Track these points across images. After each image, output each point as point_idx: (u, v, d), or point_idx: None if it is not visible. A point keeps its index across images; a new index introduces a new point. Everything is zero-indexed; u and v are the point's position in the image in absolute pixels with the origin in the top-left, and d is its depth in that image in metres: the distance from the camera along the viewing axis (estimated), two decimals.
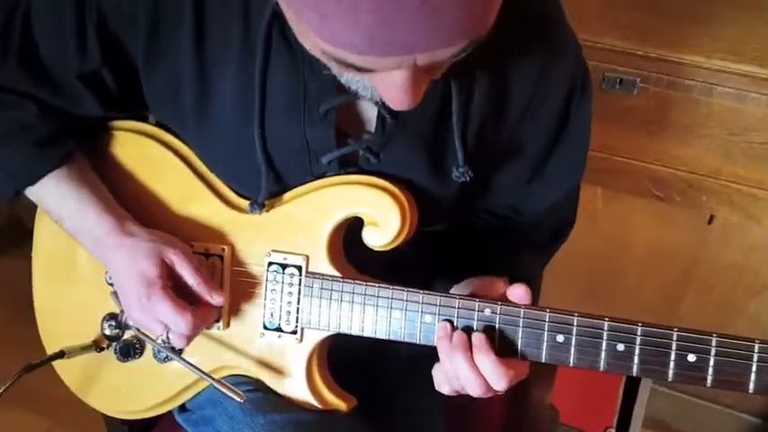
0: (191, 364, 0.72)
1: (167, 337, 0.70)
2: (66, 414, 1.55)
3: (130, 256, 0.68)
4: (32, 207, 0.79)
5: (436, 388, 0.68)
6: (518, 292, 0.64)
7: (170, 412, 0.82)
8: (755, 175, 1.08)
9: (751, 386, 0.57)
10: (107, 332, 0.78)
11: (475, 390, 0.64)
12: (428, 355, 0.85)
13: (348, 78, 0.56)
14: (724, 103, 1.03)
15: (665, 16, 1.09)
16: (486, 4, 0.44)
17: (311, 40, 0.47)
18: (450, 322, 0.66)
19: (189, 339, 0.70)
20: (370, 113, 0.67)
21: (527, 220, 0.79)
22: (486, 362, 0.62)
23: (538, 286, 0.89)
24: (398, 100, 0.49)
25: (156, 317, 0.68)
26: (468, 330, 0.65)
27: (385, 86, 0.49)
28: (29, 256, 2.01)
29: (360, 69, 0.47)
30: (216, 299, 0.70)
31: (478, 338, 0.63)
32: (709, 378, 0.58)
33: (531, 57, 0.66)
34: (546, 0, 0.67)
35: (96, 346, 0.78)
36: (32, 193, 0.73)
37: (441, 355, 0.66)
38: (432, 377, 0.85)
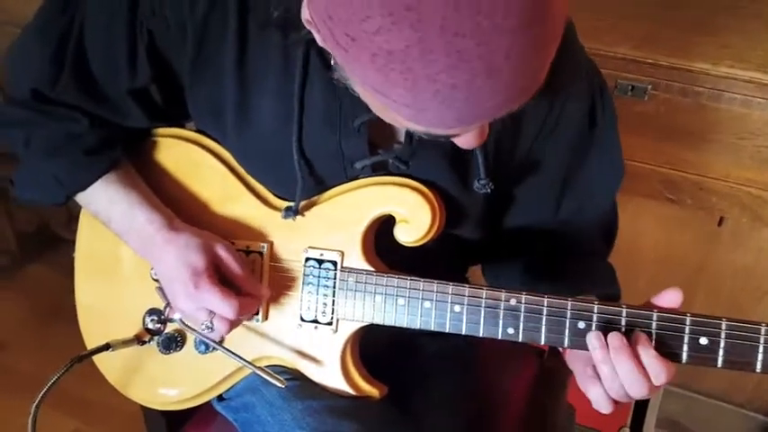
0: (233, 353, 0.76)
1: (211, 323, 0.72)
2: (94, 415, 1.58)
3: (180, 249, 0.72)
4: (60, 213, 0.83)
5: (595, 407, 0.67)
6: (669, 297, 0.65)
7: (206, 403, 0.86)
8: (763, 177, 1.11)
9: (758, 366, 0.62)
10: (149, 326, 0.82)
11: (639, 388, 0.63)
12: (453, 349, 0.90)
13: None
14: (731, 108, 1.07)
15: (675, 26, 1.13)
16: (549, 61, 0.49)
17: (398, 121, 0.53)
18: (603, 332, 0.65)
19: (232, 326, 0.74)
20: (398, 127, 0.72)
21: (577, 230, 0.81)
22: (648, 356, 0.62)
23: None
24: (470, 144, 0.57)
25: (203, 304, 0.72)
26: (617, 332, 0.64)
27: (459, 140, 0.56)
28: (56, 263, 2.06)
29: (446, 137, 0.54)
30: (262, 291, 0.75)
31: (639, 336, 0.64)
32: (720, 359, 0.63)
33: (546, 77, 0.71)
34: None
35: (138, 339, 0.82)
36: (82, 197, 0.77)
37: (600, 364, 0.64)
38: (456, 370, 0.90)
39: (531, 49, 0.45)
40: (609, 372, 0.63)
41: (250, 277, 0.75)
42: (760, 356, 0.62)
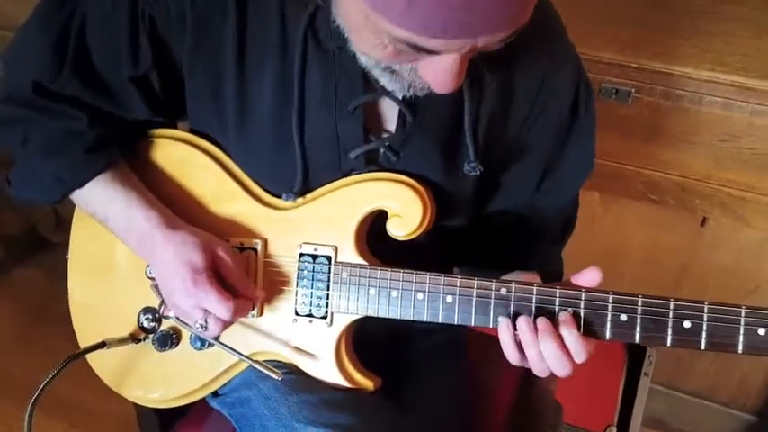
0: (230, 347, 0.77)
1: (206, 322, 0.74)
2: (84, 417, 1.58)
3: (178, 246, 0.73)
4: (48, 216, 0.83)
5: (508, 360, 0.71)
6: (589, 276, 0.69)
7: (200, 401, 0.86)
8: (744, 178, 1.14)
9: (740, 347, 0.64)
10: (144, 324, 0.83)
11: (563, 368, 0.68)
12: (445, 343, 0.92)
13: (390, 69, 0.61)
14: (712, 111, 1.10)
15: (657, 31, 1.16)
16: None
17: (376, 34, 0.53)
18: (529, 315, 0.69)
19: (225, 326, 0.75)
20: (391, 113, 0.74)
21: (543, 217, 0.85)
22: (571, 336, 0.67)
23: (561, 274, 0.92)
24: (446, 83, 0.56)
25: (199, 303, 0.73)
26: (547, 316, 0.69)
27: (434, 72, 0.56)
28: (43, 266, 2.05)
29: (429, 52, 0.54)
30: (257, 293, 0.76)
31: (565, 317, 0.68)
32: (703, 342, 0.65)
33: (535, 62, 0.73)
34: (546, 12, 0.74)
35: (133, 337, 0.83)
36: (79, 195, 0.78)
37: (528, 348, 0.69)
38: (448, 365, 0.92)
39: None
40: (536, 354, 0.68)
41: (246, 279, 0.76)
42: (741, 338, 0.64)
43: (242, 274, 0.76)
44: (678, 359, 1.55)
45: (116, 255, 0.85)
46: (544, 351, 0.67)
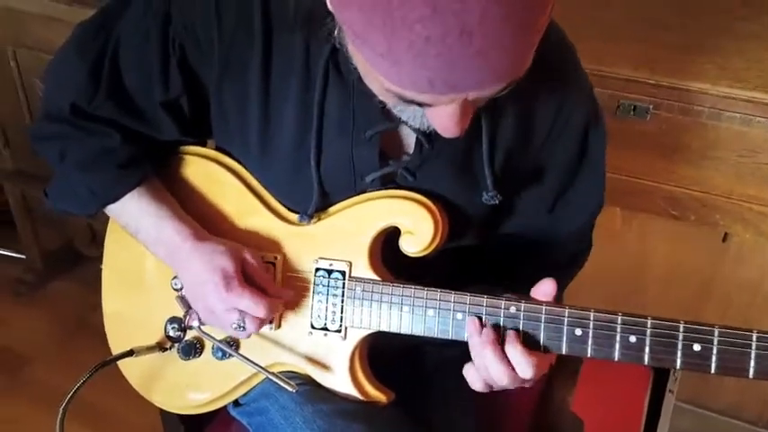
0: (247, 359, 0.80)
1: (243, 322, 0.76)
2: (111, 424, 1.62)
3: (209, 255, 0.77)
4: (84, 232, 0.86)
5: (470, 386, 0.75)
6: (544, 288, 0.70)
7: (224, 410, 0.89)
8: (765, 194, 1.13)
9: (751, 372, 0.64)
10: (170, 334, 0.86)
11: (503, 380, 0.70)
12: (458, 358, 0.93)
13: (401, 109, 0.64)
14: (731, 126, 1.09)
15: (675, 48, 1.16)
16: (527, 50, 0.52)
17: (378, 82, 0.56)
18: (480, 318, 0.72)
19: (261, 324, 0.78)
20: (408, 139, 0.76)
21: (551, 242, 0.86)
22: (514, 352, 0.69)
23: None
24: (449, 129, 0.58)
25: (235, 305, 0.76)
26: (496, 328, 0.72)
27: (438, 118, 0.58)
28: (79, 279, 2.10)
29: (420, 104, 0.56)
30: (285, 293, 0.79)
31: (506, 332, 0.70)
32: (713, 365, 0.65)
33: (551, 92, 0.74)
34: (561, 44, 0.76)
35: (160, 346, 0.87)
36: (113, 209, 0.82)
37: (472, 350, 0.72)
38: (461, 379, 0.92)
39: (506, 22, 0.48)
40: (479, 359, 0.72)
41: (273, 280, 0.79)
42: (752, 362, 0.64)
43: (269, 277, 0.79)
44: (704, 376, 1.52)
45: (145, 266, 0.88)
46: (487, 360, 0.71)
